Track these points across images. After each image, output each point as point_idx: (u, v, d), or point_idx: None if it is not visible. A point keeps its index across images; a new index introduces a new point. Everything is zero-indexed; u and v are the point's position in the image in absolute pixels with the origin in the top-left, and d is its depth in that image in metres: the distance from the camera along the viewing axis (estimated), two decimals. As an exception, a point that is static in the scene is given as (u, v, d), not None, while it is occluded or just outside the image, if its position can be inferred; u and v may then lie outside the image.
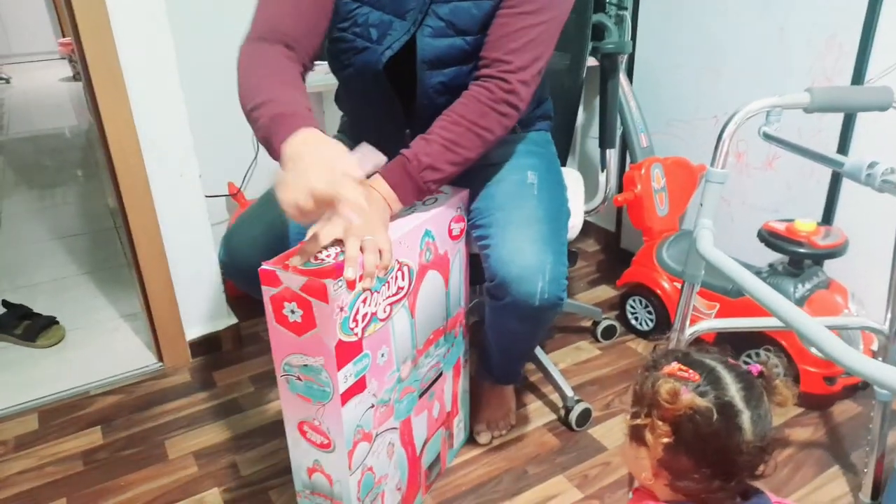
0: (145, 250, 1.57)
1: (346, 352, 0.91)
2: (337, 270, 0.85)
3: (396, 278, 0.99)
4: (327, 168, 0.81)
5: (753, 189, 1.71)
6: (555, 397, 1.52)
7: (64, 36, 6.10)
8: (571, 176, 1.53)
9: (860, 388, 1.49)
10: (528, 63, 1.03)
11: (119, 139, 1.46)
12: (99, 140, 1.51)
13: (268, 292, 0.88)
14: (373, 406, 1.01)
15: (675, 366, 0.72)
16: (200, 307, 1.70)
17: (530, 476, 1.31)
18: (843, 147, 1.50)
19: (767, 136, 0.96)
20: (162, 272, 1.60)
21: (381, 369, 1.01)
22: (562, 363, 1.64)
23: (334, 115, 1.40)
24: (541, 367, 1.53)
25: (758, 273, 1.53)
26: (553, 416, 1.47)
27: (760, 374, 0.73)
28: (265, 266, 0.87)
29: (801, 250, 1.41)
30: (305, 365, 0.92)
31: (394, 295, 1.00)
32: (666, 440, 0.69)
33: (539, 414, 1.48)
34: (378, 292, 0.95)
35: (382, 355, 1.00)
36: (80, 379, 1.63)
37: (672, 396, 0.68)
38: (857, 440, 1.36)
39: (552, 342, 1.73)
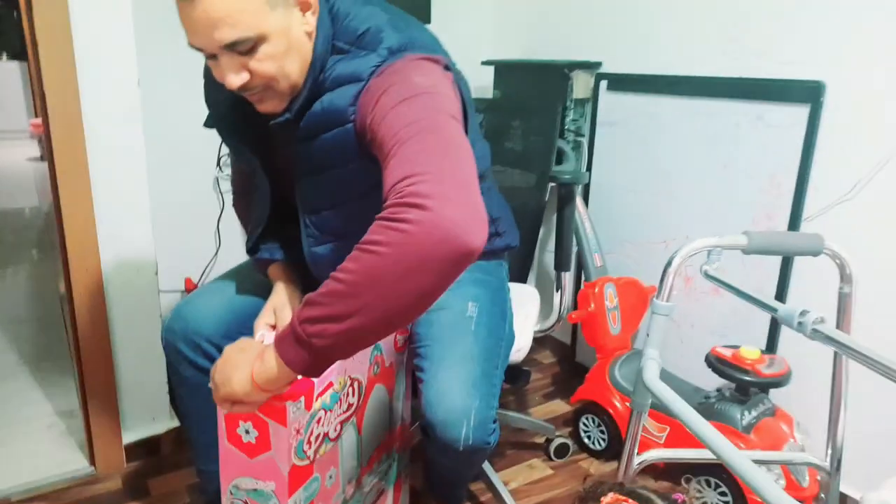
0: (89, 343, 1.52)
1: (299, 477, 0.89)
2: (297, 391, 0.84)
3: (348, 395, 0.98)
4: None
5: (701, 313, 1.76)
6: (504, 519, 1.47)
7: (37, 116, 6.15)
8: (526, 293, 1.56)
9: (808, 520, 1.49)
10: (414, 171, 0.77)
11: (76, 225, 1.44)
12: (55, 224, 1.50)
13: (222, 409, 0.87)
14: None
15: (611, 497, 0.73)
16: (142, 408, 1.63)
17: None
18: (783, 281, 1.57)
19: (708, 276, 1.00)
20: (105, 368, 1.55)
21: (328, 492, 0.99)
22: (513, 482, 1.61)
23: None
24: (491, 487, 1.49)
25: (706, 398, 1.56)
26: (501, 540, 1.42)
27: (684, 502, 0.76)
28: None
29: (747, 378, 1.44)
30: (255, 489, 0.89)
31: (345, 412, 0.99)
32: None
33: (487, 537, 1.44)
34: (331, 410, 0.94)
35: (330, 477, 0.98)
36: (2, 481, 1.53)
37: None
38: (806, 576, 1.34)
39: (504, 459, 1.70)
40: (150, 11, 1.52)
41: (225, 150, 1.92)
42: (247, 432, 0.86)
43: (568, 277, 1.61)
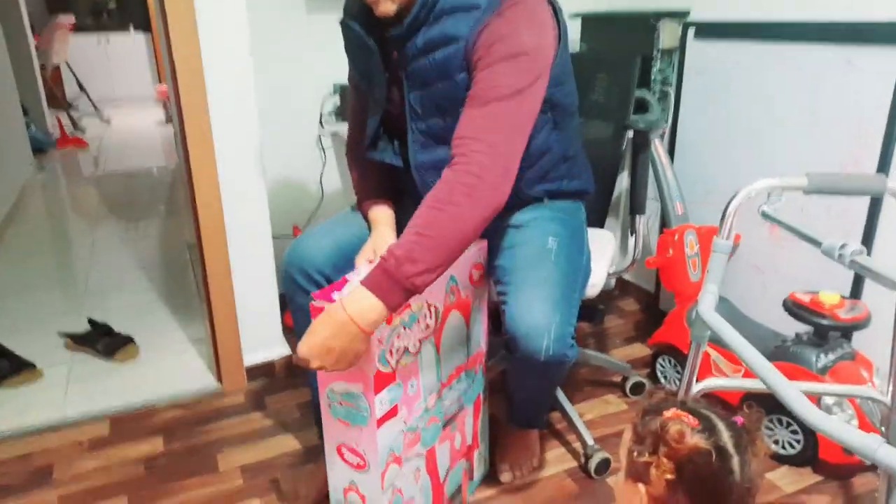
0: (216, 282, 1.76)
1: (383, 381, 1.04)
2: None
3: (425, 316, 1.12)
4: (345, 366, 1.01)
5: (785, 260, 1.77)
6: (578, 446, 1.59)
7: (161, 82, 6.67)
8: (603, 237, 1.64)
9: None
10: (495, 134, 1.04)
11: (203, 182, 1.66)
12: (185, 181, 1.72)
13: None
14: (403, 432, 1.13)
15: (672, 411, 0.79)
16: (259, 336, 1.87)
17: (546, 516, 1.39)
18: (869, 230, 1.55)
19: (764, 215, 1.05)
20: (228, 303, 1.78)
21: (411, 399, 1.13)
22: (588, 414, 1.72)
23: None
24: (565, 415, 1.61)
25: (783, 342, 1.58)
26: (574, 463, 1.54)
27: (743, 425, 0.81)
28: (315, 302, 1.02)
29: (823, 322, 1.47)
30: (347, 392, 1.06)
31: (423, 331, 1.13)
32: (669, 477, 0.75)
33: (561, 460, 1.56)
34: (410, 329, 1.08)
35: (412, 386, 1.13)
36: (148, 393, 1.81)
37: (679, 437, 0.75)
38: (874, 512, 1.38)
39: (581, 393, 1.81)
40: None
41: (327, 108, 2.09)
42: None
43: (642, 221, 1.67)
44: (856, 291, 1.62)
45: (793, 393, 0.75)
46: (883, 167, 1.50)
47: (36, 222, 3.54)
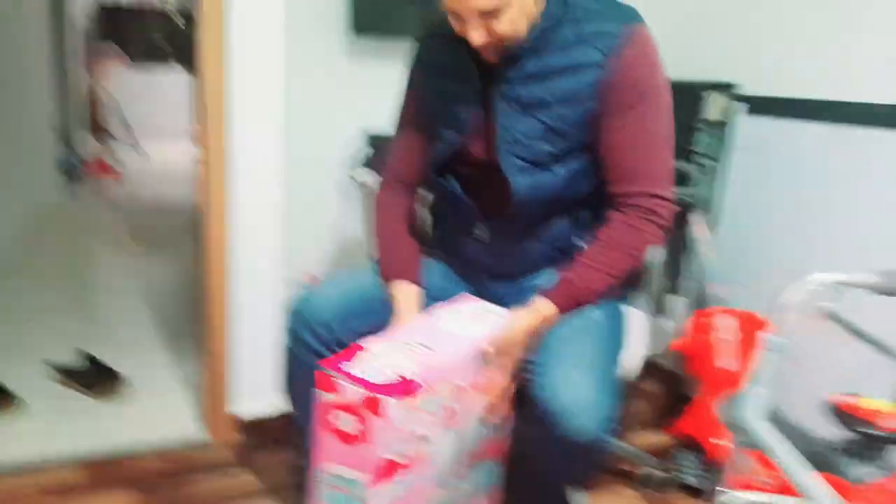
0: (213, 323, 1.66)
1: (390, 472, 0.91)
2: (401, 388, 0.87)
3: (450, 401, 0.99)
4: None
5: (825, 357, 1.62)
6: (589, 545, 1.43)
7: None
8: (634, 315, 1.51)
9: None
10: (662, 183, 1.13)
11: (212, 216, 1.60)
12: (199, 216, 1.66)
13: (321, 396, 0.89)
14: None
15: None
16: (257, 389, 1.76)
17: None
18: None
19: (829, 314, 0.93)
20: (221, 348, 1.69)
21: (420, 493, 1.00)
22: (602, 509, 1.56)
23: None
24: (578, 509, 1.46)
25: (816, 447, 1.43)
26: (583, 566, 1.38)
27: None
28: (323, 369, 0.89)
29: (866, 429, 1.31)
30: (343, 476, 0.92)
31: (446, 418, 0.99)
32: None
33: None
34: (433, 413, 0.95)
35: (422, 478, 0.99)
36: (130, 437, 1.70)
37: None
38: None
39: (593, 484, 1.65)
40: (299, 26, 1.65)
41: (358, 158, 2.03)
42: (344, 421, 0.88)
43: (679, 303, 1.54)
44: (908, 399, 1.46)
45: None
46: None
47: (56, 248, 3.51)
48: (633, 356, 1.34)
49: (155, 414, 1.82)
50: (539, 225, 1.20)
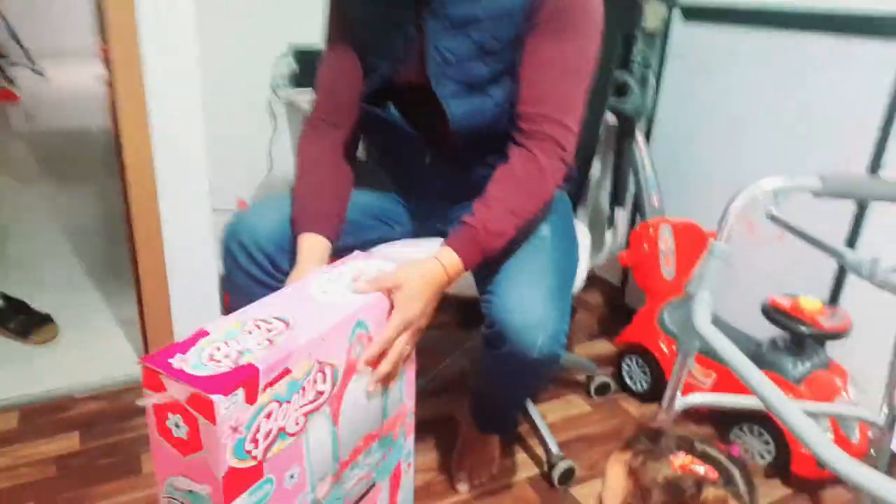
0: (145, 258, 1.58)
1: (240, 480, 0.76)
2: (231, 380, 0.71)
3: (315, 382, 0.83)
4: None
5: (762, 260, 1.69)
6: (540, 451, 1.49)
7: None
8: (579, 230, 1.52)
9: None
10: (571, 114, 1.08)
11: (133, 145, 1.48)
12: (114, 144, 1.53)
13: (150, 397, 0.74)
14: None
15: (687, 459, 0.67)
16: (195, 321, 1.69)
17: (505, 531, 1.28)
18: (854, 232, 1.48)
19: (774, 219, 0.95)
20: (159, 281, 1.61)
21: (290, 493, 0.85)
22: (551, 416, 1.61)
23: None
24: (528, 418, 1.50)
25: (758, 346, 1.51)
26: (536, 471, 1.44)
27: (739, 456, 0.71)
28: (148, 364, 0.72)
29: (806, 329, 1.39)
30: (190, 491, 0.77)
31: (310, 402, 0.84)
32: None
33: (522, 467, 1.45)
34: (288, 402, 0.80)
35: (292, 476, 0.85)
36: (66, 380, 1.62)
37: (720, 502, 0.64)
38: (846, 531, 1.32)
39: (543, 393, 1.70)
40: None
41: (280, 72, 1.91)
42: (177, 426, 0.73)
43: (622, 215, 1.56)
44: (834, 297, 1.55)
45: (804, 423, 0.66)
46: (874, 168, 1.42)
47: (-47, 181, 3.23)
48: (582, 269, 1.36)
49: (92, 355, 1.74)
50: (484, 150, 1.16)
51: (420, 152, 1.22)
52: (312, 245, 1.12)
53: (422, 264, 1.00)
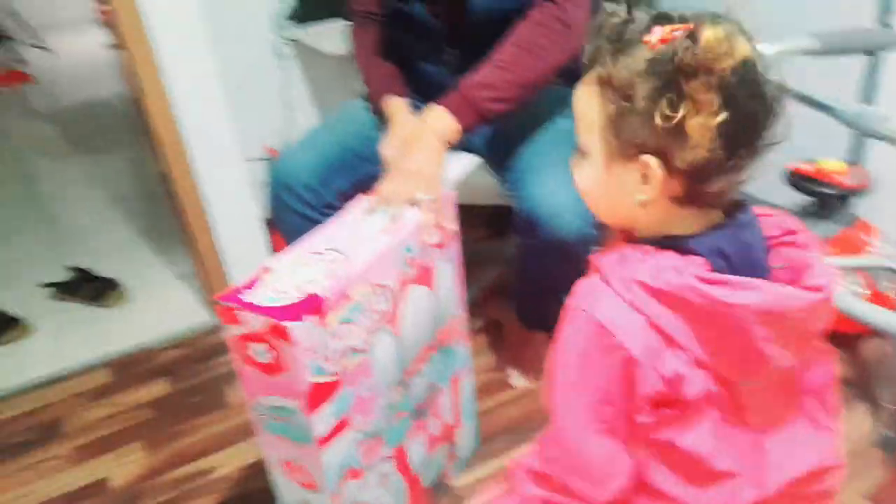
0: (191, 214, 1.67)
1: (321, 394, 0.86)
2: (302, 308, 0.80)
3: (373, 303, 0.93)
4: (428, 181, 1.02)
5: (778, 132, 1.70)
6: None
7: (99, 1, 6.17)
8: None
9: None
10: None
11: (156, 111, 1.52)
12: (136, 110, 1.58)
13: (230, 331, 0.83)
14: (359, 442, 0.96)
15: (666, 30, 0.55)
16: (246, 266, 1.79)
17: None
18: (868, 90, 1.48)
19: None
20: (207, 235, 1.70)
21: (366, 402, 0.96)
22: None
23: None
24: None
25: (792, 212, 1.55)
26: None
27: None
28: (226, 303, 0.81)
29: (829, 190, 1.42)
30: (279, 406, 0.87)
31: (372, 322, 0.93)
32: (720, 118, 0.53)
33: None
34: (354, 323, 0.90)
35: (366, 388, 0.95)
36: (143, 336, 1.77)
37: (728, 45, 0.52)
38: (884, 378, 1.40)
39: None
40: None
41: (281, 10, 1.92)
42: (260, 353, 0.82)
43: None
44: (855, 157, 1.56)
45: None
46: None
47: (-6, 168, 3.36)
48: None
49: (160, 310, 1.88)
50: None
51: (439, 49, 1.24)
52: (399, 102, 1.20)
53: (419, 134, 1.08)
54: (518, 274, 1.36)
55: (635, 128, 0.56)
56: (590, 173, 0.63)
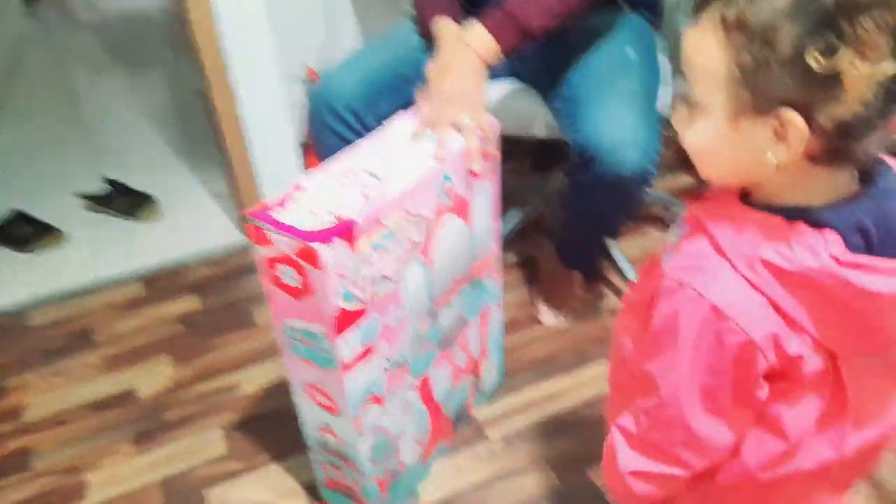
0: (228, 133, 1.64)
1: (349, 319, 0.84)
2: (333, 232, 0.77)
3: (407, 232, 0.89)
4: (470, 104, 0.96)
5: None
6: (622, 285, 1.53)
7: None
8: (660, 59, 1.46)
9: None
10: None
11: (199, 25, 1.49)
12: (180, 26, 1.54)
13: (259, 252, 0.82)
14: (385, 369, 0.95)
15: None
16: (280, 188, 1.76)
17: (591, 355, 1.37)
18: None
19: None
20: (243, 154, 1.68)
21: (394, 330, 0.94)
22: (629, 251, 1.64)
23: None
24: (609, 260, 1.54)
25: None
26: (617, 303, 1.49)
27: None
28: (257, 220, 0.79)
29: None
30: (306, 330, 0.86)
31: (405, 250, 0.90)
32: (892, 68, 0.44)
33: (604, 301, 1.51)
34: (385, 251, 0.86)
35: (394, 316, 0.93)
36: (176, 251, 1.77)
37: None
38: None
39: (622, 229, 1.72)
40: None
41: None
42: (288, 276, 0.80)
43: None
44: None
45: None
46: None
47: (37, 77, 3.36)
48: (666, 97, 1.31)
49: (195, 227, 1.88)
50: None
51: None
52: (449, 24, 1.12)
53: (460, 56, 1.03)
54: (564, 209, 1.31)
55: (776, 79, 0.46)
56: (706, 130, 0.53)
